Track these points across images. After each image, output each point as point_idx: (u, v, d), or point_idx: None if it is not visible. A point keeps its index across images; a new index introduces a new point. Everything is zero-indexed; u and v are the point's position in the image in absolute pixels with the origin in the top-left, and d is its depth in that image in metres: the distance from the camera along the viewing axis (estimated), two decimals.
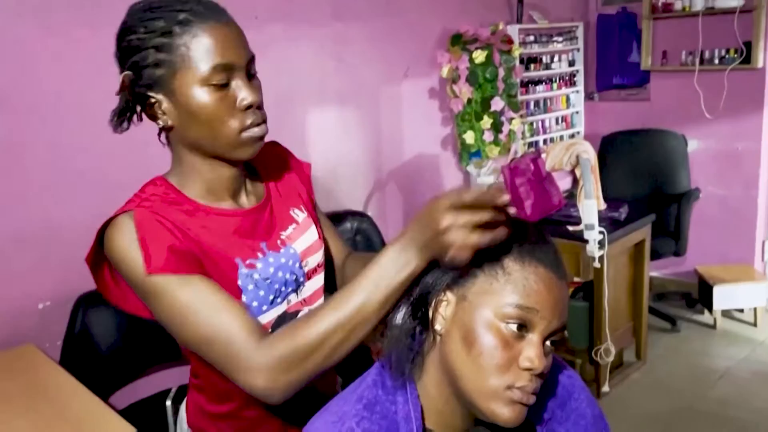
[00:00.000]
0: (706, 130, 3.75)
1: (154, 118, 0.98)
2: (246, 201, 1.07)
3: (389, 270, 0.82)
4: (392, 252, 0.82)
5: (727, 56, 3.57)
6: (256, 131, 0.96)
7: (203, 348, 0.92)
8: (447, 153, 3.55)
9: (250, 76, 0.97)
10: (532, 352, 0.76)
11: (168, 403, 1.12)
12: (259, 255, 1.02)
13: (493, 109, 3.28)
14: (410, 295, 0.84)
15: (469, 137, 3.29)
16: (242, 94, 0.94)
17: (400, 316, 0.84)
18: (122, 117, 1.03)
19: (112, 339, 2.19)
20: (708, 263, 3.68)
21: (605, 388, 2.87)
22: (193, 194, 1.01)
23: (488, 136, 3.30)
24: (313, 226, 1.14)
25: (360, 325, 0.85)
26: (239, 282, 0.99)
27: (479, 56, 3.19)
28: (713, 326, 3.50)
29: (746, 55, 3.48)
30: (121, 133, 1.05)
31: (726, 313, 3.56)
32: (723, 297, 3.41)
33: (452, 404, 0.83)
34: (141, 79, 0.95)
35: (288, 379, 0.87)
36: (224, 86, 0.93)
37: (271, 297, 1.03)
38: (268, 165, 1.13)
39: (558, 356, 0.91)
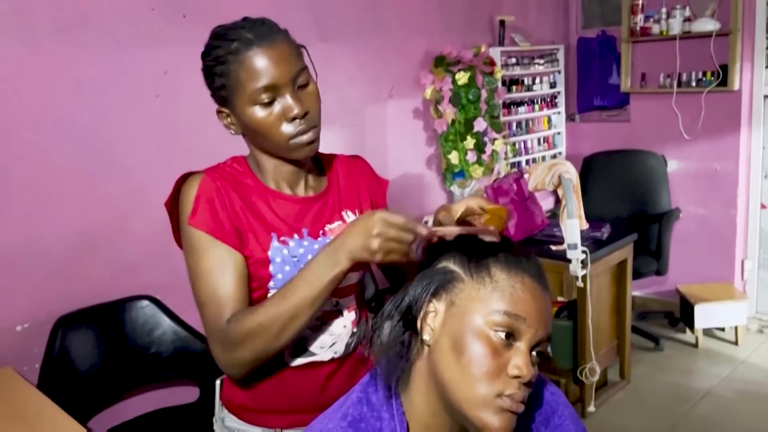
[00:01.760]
0: (685, 151, 3.81)
1: (226, 126, 1.14)
2: (303, 192, 1.19)
3: (321, 270, 0.98)
4: (324, 254, 0.98)
5: (704, 79, 3.64)
6: (303, 138, 1.08)
7: (199, 307, 1.08)
8: (431, 173, 3.57)
9: (301, 86, 1.09)
10: (520, 360, 0.77)
11: (217, 381, 1.27)
12: (296, 236, 1.14)
13: (476, 129, 3.32)
14: (398, 306, 0.84)
15: (453, 157, 3.32)
16: (288, 107, 1.06)
17: (388, 326, 0.84)
18: None
19: (91, 362, 2.16)
20: (689, 282, 3.72)
21: (590, 408, 2.87)
22: (260, 177, 1.17)
23: (471, 157, 3.32)
24: None
25: (296, 317, 1.00)
26: (269, 253, 1.11)
27: (462, 78, 3.23)
28: (695, 345, 3.52)
29: (722, 77, 3.55)
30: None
31: (707, 332, 3.59)
32: (704, 316, 3.44)
33: (440, 417, 0.83)
34: (215, 96, 1.12)
35: (238, 356, 1.03)
36: (271, 102, 1.06)
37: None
38: (340, 169, 1.26)
39: (542, 374, 0.91)
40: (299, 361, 1.15)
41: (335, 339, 1.17)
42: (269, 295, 1.12)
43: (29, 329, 2.11)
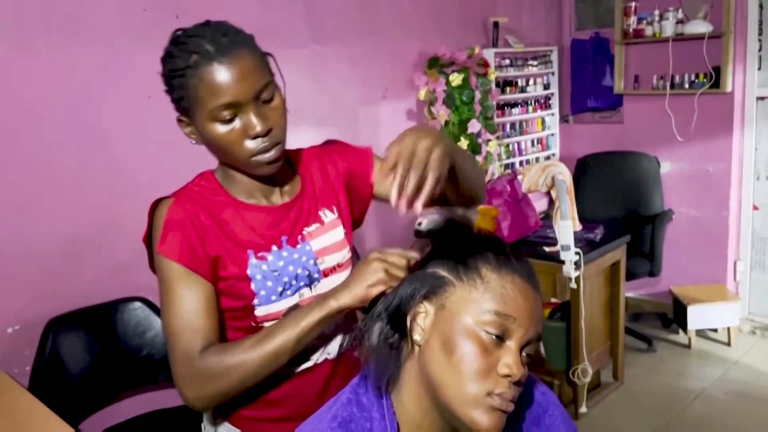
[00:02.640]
0: (677, 153, 3.82)
1: (186, 134, 1.09)
2: (279, 199, 1.16)
3: (310, 313, 1.00)
4: (316, 301, 1.00)
5: (696, 81, 3.66)
6: (266, 156, 1.04)
7: (167, 337, 1.05)
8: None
9: (266, 101, 1.03)
10: (510, 359, 0.77)
11: None
12: (273, 248, 1.12)
13: (470, 131, 3.32)
14: (387, 307, 0.84)
15: None
16: (250, 125, 1.01)
17: (377, 328, 0.84)
18: None
19: (82, 364, 2.15)
20: (682, 283, 3.73)
21: (583, 409, 2.87)
22: (231, 191, 1.13)
23: None
24: (340, 228, 1.20)
25: (276, 358, 1.01)
26: (248, 271, 1.08)
27: (456, 79, 3.23)
28: (688, 346, 3.53)
29: (715, 79, 3.57)
30: None
31: (700, 333, 3.60)
32: (697, 317, 3.45)
33: (430, 417, 0.83)
34: (174, 104, 1.07)
35: (210, 391, 1.01)
36: (232, 119, 1.01)
37: (280, 289, 1.11)
38: (312, 166, 1.21)
39: (533, 374, 0.92)
40: (294, 368, 1.13)
41: (327, 341, 1.16)
42: (255, 312, 1.10)
43: (20, 331, 2.10)
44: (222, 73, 0.98)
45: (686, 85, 3.69)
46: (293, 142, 1.21)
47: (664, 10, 3.68)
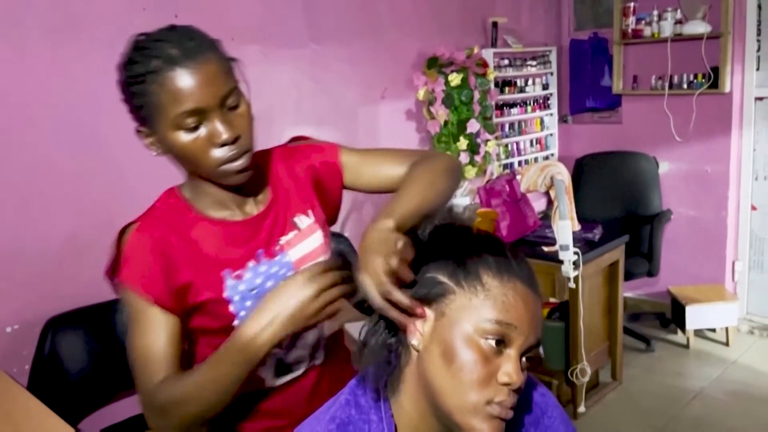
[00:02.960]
0: (676, 153, 3.83)
1: (147, 146, 1.04)
2: (254, 208, 1.10)
3: (255, 340, 0.92)
4: (257, 317, 0.93)
5: (695, 81, 3.66)
6: (234, 165, 0.99)
7: (130, 363, 1.01)
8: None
9: (232, 107, 0.98)
10: (510, 367, 0.77)
11: None
12: (250, 264, 1.06)
13: (468, 131, 3.32)
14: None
15: None
16: (216, 132, 0.96)
17: (375, 331, 0.83)
18: None
19: (82, 363, 2.15)
20: (680, 283, 3.73)
21: (581, 409, 2.88)
22: (201, 206, 1.07)
23: (464, 158, 3.33)
24: (318, 232, 1.14)
25: (229, 386, 0.95)
26: (225, 294, 1.04)
27: (455, 79, 3.23)
28: (686, 346, 3.54)
29: (714, 80, 3.57)
30: None
31: (698, 333, 3.61)
32: (695, 317, 3.45)
33: (429, 421, 0.83)
34: (133, 114, 1.01)
35: (167, 423, 0.97)
36: (197, 127, 0.96)
37: None
38: (281, 169, 1.15)
39: (532, 375, 0.91)
40: (282, 380, 1.11)
41: (311, 349, 1.13)
42: None
43: (19, 330, 2.10)
44: (185, 78, 0.93)
45: (685, 86, 3.69)
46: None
47: (663, 11, 3.68)
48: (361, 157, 1.20)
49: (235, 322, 1.05)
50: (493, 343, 0.76)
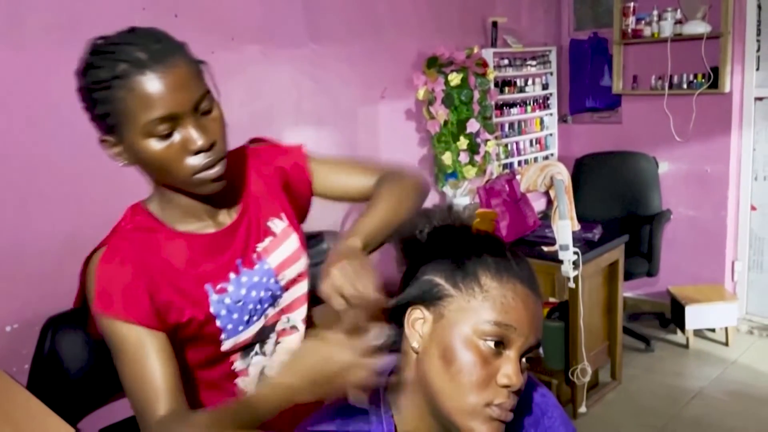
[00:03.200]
0: (676, 153, 3.83)
1: (112, 156, 0.98)
2: (226, 217, 1.06)
3: (275, 399, 0.85)
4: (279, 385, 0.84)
5: (695, 81, 3.66)
6: (210, 173, 0.94)
7: (128, 395, 0.96)
8: (424, 173, 3.57)
9: (204, 112, 0.94)
10: (509, 369, 0.76)
11: None
12: (231, 276, 1.03)
13: (468, 130, 3.32)
14: (385, 313, 0.83)
15: (446, 158, 3.32)
16: (190, 139, 0.91)
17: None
18: None
19: (81, 362, 2.14)
20: (680, 283, 3.73)
21: (582, 409, 2.88)
22: (171, 220, 1.02)
23: (464, 158, 3.33)
24: (293, 235, 1.12)
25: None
26: (211, 309, 1.00)
27: (455, 79, 3.23)
28: (686, 346, 3.54)
29: (713, 80, 3.57)
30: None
31: (698, 333, 3.61)
32: (695, 317, 3.45)
33: (428, 422, 0.82)
34: (96, 123, 0.95)
35: None
36: (170, 134, 0.91)
37: (246, 318, 1.05)
38: (249, 171, 1.10)
39: (532, 375, 0.91)
40: None
41: None
42: (222, 347, 1.03)
43: (18, 330, 2.10)
44: (156, 83, 0.87)
45: (684, 86, 3.69)
46: (295, 140, 1.20)
47: (663, 11, 3.68)
48: (329, 166, 1.18)
49: (222, 336, 1.02)
50: (492, 344, 0.76)
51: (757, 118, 3.58)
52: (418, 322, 0.81)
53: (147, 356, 0.93)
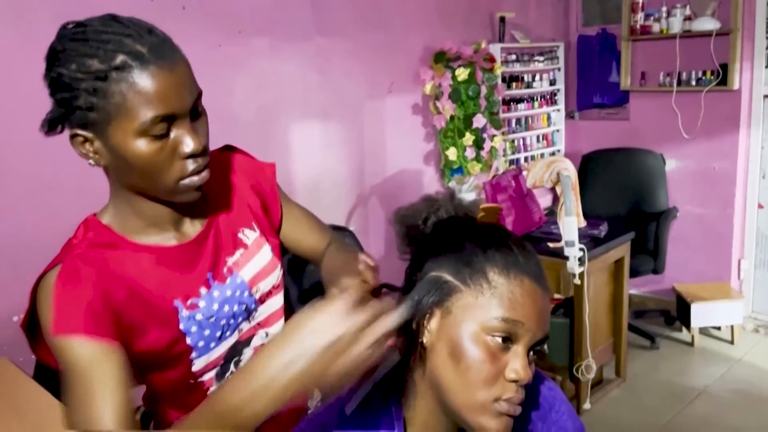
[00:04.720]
0: (683, 150, 3.81)
1: (83, 154, 0.90)
2: (191, 229, 1.00)
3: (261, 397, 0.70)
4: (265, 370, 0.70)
5: (703, 78, 3.64)
6: (195, 180, 0.89)
7: (70, 414, 0.88)
8: (430, 168, 3.56)
9: (197, 115, 0.89)
10: (518, 364, 0.76)
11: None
12: (202, 291, 0.98)
13: (475, 126, 3.31)
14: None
15: (452, 153, 3.31)
16: (184, 142, 0.87)
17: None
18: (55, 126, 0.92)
19: None
20: (686, 281, 3.73)
21: (586, 405, 2.87)
22: (131, 232, 0.95)
23: (470, 153, 3.32)
24: (266, 246, 1.07)
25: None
26: (181, 326, 0.95)
27: (462, 74, 3.22)
28: (691, 344, 3.53)
29: (722, 77, 3.55)
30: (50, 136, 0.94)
31: (703, 331, 3.60)
32: (700, 315, 3.45)
33: (437, 416, 0.82)
34: (71, 115, 0.86)
35: None
36: (164, 136, 0.85)
37: (218, 333, 1.00)
38: (216, 183, 1.01)
39: (539, 369, 0.91)
40: None
41: None
42: (193, 367, 0.98)
43: None
44: (161, 80, 0.82)
45: (693, 83, 3.67)
46: (302, 134, 1.20)
47: (672, 7, 3.66)
48: (291, 209, 1.16)
49: (192, 355, 0.96)
50: (500, 340, 0.76)
51: (766, 115, 3.56)
52: (425, 317, 0.80)
53: (100, 377, 0.84)
